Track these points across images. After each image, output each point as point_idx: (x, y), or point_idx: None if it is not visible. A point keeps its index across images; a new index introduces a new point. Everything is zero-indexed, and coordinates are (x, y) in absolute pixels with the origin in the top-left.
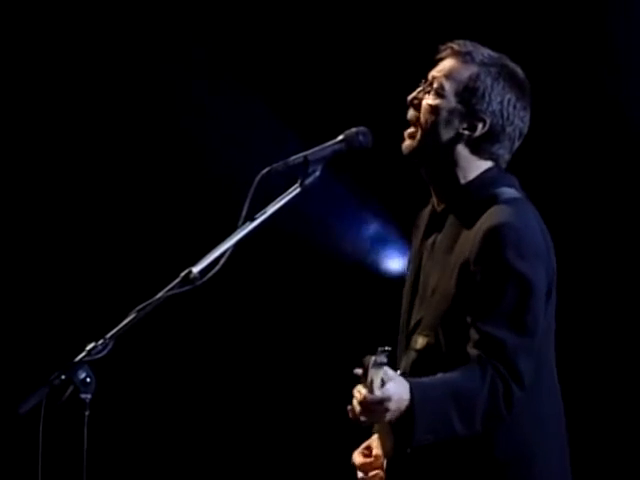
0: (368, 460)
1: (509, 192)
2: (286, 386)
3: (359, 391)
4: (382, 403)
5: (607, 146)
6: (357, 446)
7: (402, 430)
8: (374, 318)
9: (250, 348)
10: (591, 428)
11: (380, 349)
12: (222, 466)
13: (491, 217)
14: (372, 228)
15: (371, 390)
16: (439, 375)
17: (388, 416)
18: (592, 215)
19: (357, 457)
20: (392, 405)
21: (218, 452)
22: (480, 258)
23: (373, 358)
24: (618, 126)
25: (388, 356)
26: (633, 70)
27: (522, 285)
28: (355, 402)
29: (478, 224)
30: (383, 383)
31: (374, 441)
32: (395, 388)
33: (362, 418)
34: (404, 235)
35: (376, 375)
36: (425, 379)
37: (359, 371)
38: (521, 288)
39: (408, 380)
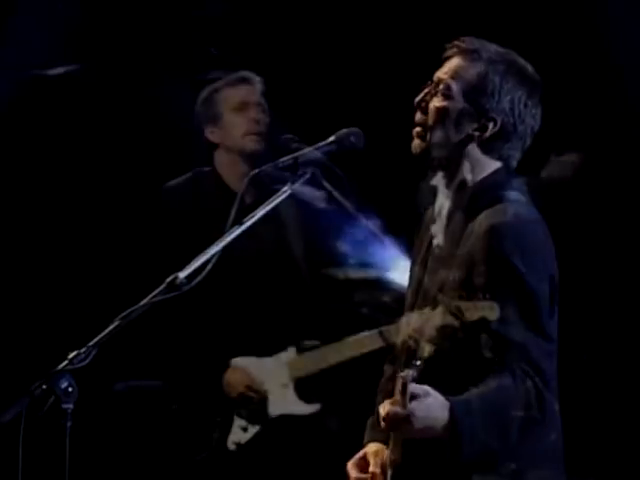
0: (363, 476)
1: (514, 195)
2: None
3: (383, 407)
4: (407, 419)
5: (608, 148)
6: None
7: (448, 448)
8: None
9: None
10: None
11: (414, 362)
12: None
13: (493, 215)
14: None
15: (404, 405)
16: (474, 390)
17: (414, 433)
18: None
19: (352, 470)
20: (417, 422)
21: (207, 463)
22: (483, 256)
23: (410, 372)
24: (618, 128)
25: (419, 370)
26: (633, 70)
27: (525, 287)
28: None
29: (481, 220)
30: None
31: (370, 455)
32: (419, 405)
33: (390, 431)
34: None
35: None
36: (463, 396)
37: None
38: (525, 291)
39: (449, 399)
